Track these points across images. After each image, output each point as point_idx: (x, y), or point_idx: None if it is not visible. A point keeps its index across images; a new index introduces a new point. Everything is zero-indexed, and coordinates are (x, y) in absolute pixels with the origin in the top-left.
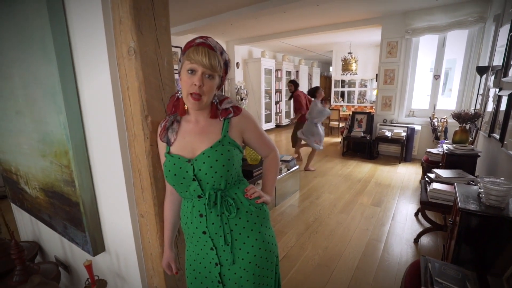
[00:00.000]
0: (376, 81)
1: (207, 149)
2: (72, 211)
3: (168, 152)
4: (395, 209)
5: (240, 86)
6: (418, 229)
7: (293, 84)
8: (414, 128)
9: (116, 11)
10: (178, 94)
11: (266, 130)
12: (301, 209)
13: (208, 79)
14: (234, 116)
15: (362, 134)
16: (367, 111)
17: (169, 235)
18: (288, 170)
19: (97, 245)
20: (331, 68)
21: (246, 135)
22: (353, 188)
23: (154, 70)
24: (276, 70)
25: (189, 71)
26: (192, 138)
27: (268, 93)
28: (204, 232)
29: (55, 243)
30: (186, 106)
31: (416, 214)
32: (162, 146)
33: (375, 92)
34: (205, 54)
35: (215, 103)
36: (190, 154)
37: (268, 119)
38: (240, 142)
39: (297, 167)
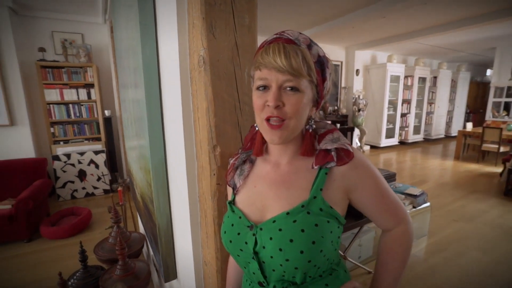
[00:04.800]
0: None
1: (281, 215)
2: (153, 229)
3: (232, 202)
4: None
5: (359, 96)
6: None
7: None
8: None
9: (191, 12)
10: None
11: (386, 148)
12: (429, 265)
13: (291, 93)
14: (339, 165)
15: None
16: None
17: None
18: (414, 207)
19: (169, 271)
20: (488, 71)
21: (357, 195)
22: None
23: (229, 85)
24: (406, 77)
25: (260, 88)
26: (266, 189)
27: (392, 103)
28: None
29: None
30: (264, 144)
31: None
32: (229, 191)
33: None
34: (279, 52)
35: (310, 130)
36: (258, 214)
37: (389, 134)
38: (343, 207)
39: (427, 204)
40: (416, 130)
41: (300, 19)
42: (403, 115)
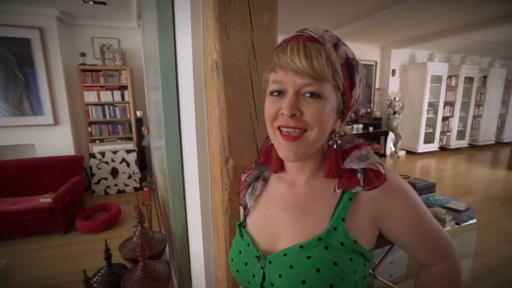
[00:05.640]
0: None
1: (293, 248)
2: (170, 236)
3: (242, 224)
4: None
5: (394, 98)
6: None
7: None
8: None
9: (205, 12)
10: None
11: (424, 154)
12: None
13: (311, 100)
14: (366, 190)
15: None
16: None
17: None
18: (457, 224)
19: (183, 279)
20: None
21: (389, 226)
22: None
23: (243, 91)
24: (449, 77)
25: (275, 93)
26: (279, 213)
27: (433, 106)
28: None
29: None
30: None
31: None
32: (241, 209)
33: None
34: (298, 51)
35: (334, 146)
36: (268, 242)
37: (429, 139)
38: (371, 240)
39: (474, 220)
40: (460, 135)
41: (329, 17)
42: (445, 119)
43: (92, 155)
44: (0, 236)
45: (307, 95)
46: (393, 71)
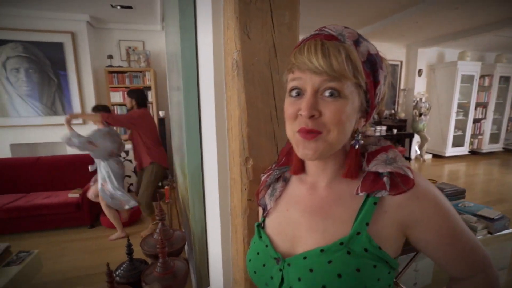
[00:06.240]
0: None
1: (315, 251)
2: (189, 235)
3: (260, 225)
4: None
5: (420, 99)
6: None
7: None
8: None
9: (226, 12)
10: None
11: (453, 157)
12: None
13: (331, 99)
14: (393, 194)
15: None
16: None
17: None
18: (490, 233)
19: (201, 278)
20: None
21: (417, 234)
22: None
23: (264, 91)
24: (482, 77)
25: (294, 92)
26: (299, 216)
27: (463, 107)
28: None
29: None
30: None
31: None
32: (260, 210)
33: None
34: (315, 50)
35: (356, 147)
36: (287, 244)
37: (457, 142)
38: (397, 247)
39: (509, 230)
40: (494, 138)
41: (351, 16)
42: (476, 121)
43: None
44: (32, 227)
45: (326, 94)
46: (420, 71)
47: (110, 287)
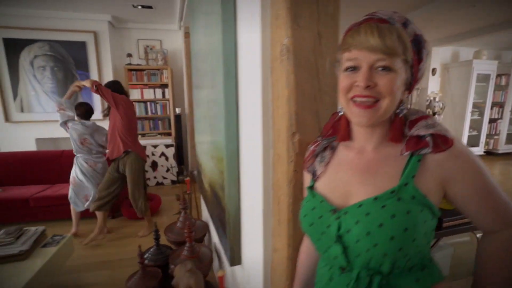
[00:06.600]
0: None
1: (368, 200)
2: (221, 215)
3: (311, 187)
4: None
5: (434, 98)
6: None
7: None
8: None
9: (274, 4)
10: (341, 111)
11: None
12: None
13: (384, 72)
14: (434, 152)
15: None
16: None
17: None
18: None
19: (234, 256)
20: None
21: (455, 189)
22: None
23: (310, 74)
24: (498, 76)
25: (349, 69)
26: (349, 176)
27: (478, 107)
28: None
29: (215, 233)
30: (350, 129)
31: None
32: (307, 177)
33: None
34: (372, 32)
35: (400, 115)
36: (340, 199)
37: (472, 142)
38: (438, 200)
39: None
40: (510, 139)
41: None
42: (492, 121)
43: None
44: (63, 216)
45: (380, 68)
46: (433, 70)
47: (142, 268)
